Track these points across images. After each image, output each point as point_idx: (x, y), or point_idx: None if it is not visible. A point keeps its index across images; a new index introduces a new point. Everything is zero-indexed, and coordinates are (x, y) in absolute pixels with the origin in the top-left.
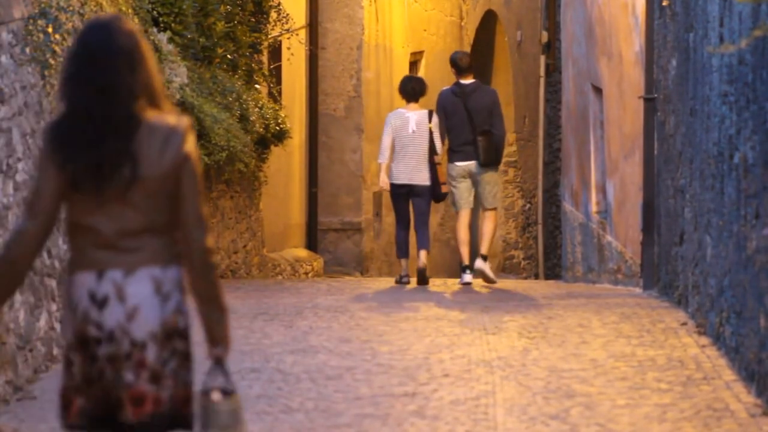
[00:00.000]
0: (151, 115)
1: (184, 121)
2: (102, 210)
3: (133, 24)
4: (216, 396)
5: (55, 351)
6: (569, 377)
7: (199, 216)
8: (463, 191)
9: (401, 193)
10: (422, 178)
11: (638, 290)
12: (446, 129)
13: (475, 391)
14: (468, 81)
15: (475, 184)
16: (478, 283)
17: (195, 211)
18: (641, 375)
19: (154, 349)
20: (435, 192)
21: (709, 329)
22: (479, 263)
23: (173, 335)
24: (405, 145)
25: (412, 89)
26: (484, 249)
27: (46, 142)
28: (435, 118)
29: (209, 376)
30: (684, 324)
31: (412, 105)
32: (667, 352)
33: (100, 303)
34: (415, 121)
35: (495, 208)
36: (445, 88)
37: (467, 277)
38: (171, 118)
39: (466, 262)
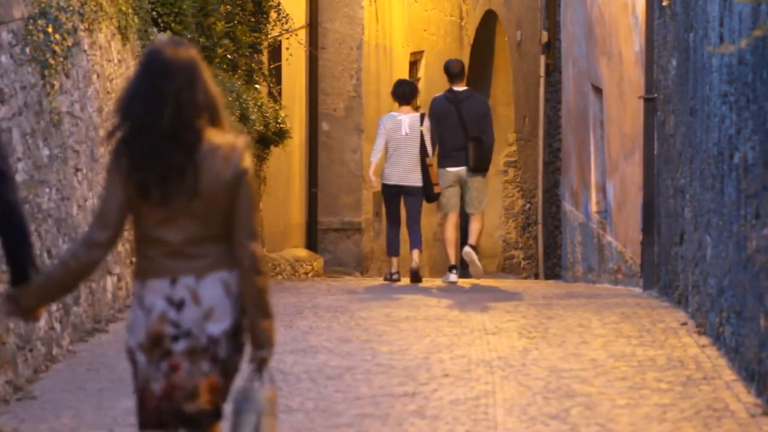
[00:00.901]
0: (213, 133)
1: (242, 139)
2: (169, 222)
3: (192, 50)
4: (257, 385)
5: (55, 351)
6: (569, 377)
7: (251, 227)
8: (452, 196)
9: (393, 194)
10: (414, 179)
11: (638, 290)
12: (438, 134)
13: (475, 391)
14: (461, 88)
15: (464, 188)
16: (473, 283)
17: (248, 223)
18: (641, 375)
19: (225, 345)
20: (427, 193)
21: (709, 329)
22: (467, 250)
23: (239, 332)
24: (398, 147)
25: (403, 92)
26: (472, 240)
27: (113, 157)
28: (427, 122)
29: (253, 373)
30: (684, 324)
31: (405, 108)
32: (667, 352)
33: (178, 305)
34: (407, 124)
35: (480, 213)
36: (438, 94)
37: (452, 276)
38: (230, 136)
39: (453, 262)
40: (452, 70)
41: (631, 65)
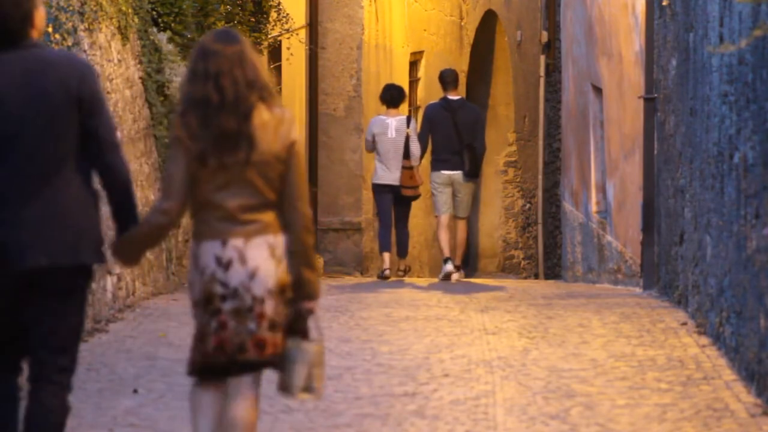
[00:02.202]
0: (263, 108)
1: (289, 112)
2: (224, 188)
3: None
4: (306, 339)
5: None
6: (569, 377)
7: (302, 191)
8: (446, 198)
9: (384, 193)
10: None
11: (638, 290)
12: (432, 140)
13: (475, 391)
14: (455, 97)
15: (456, 192)
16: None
17: (299, 187)
18: (641, 375)
19: (271, 303)
20: (396, 191)
21: (709, 329)
22: (450, 268)
23: (285, 290)
24: (386, 149)
25: (391, 96)
26: (457, 259)
27: (174, 131)
28: (413, 124)
29: (301, 324)
30: (684, 324)
31: (392, 111)
32: (667, 352)
33: (226, 265)
34: (394, 127)
35: (466, 218)
36: (433, 101)
37: (448, 266)
38: (280, 110)
39: (447, 254)
40: (446, 79)
41: (631, 65)
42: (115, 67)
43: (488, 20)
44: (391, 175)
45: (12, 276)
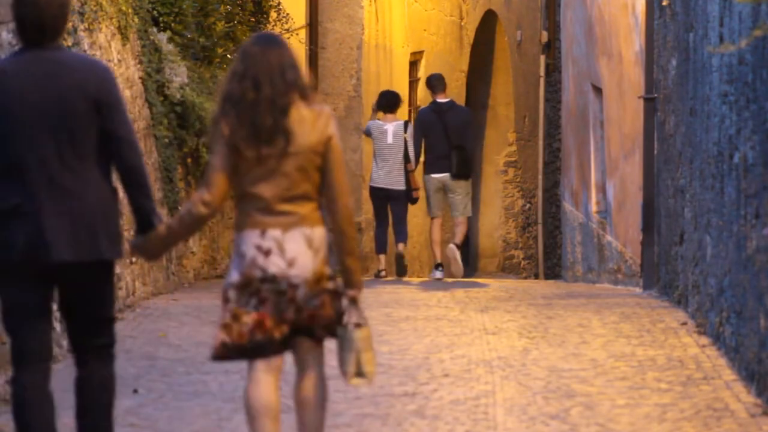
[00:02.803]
0: (302, 104)
1: (327, 108)
2: (264, 181)
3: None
4: (352, 327)
5: (55, 351)
6: (569, 377)
7: (342, 184)
8: (438, 200)
9: (380, 196)
10: (398, 183)
11: (638, 290)
12: (424, 143)
13: (475, 391)
14: (444, 99)
15: (449, 193)
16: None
17: (339, 180)
18: (641, 375)
19: (303, 290)
20: (408, 196)
21: (709, 329)
22: (451, 247)
23: (322, 279)
24: (383, 153)
25: (387, 102)
26: (457, 240)
27: (215, 127)
28: (410, 129)
29: (347, 313)
30: (684, 324)
31: (389, 116)
32: (667, 352)
33: (265, 253)
34: (391, 132)
35: (464, 217)
36: (423, 106)
37: (438, 273)
38: (317, 106)
39: (439, 260)
40: (434, 83)
41: (631, 65)
42: (115, 67)
43: (488, 20)
44: (387, 179)
45: (42, 272)
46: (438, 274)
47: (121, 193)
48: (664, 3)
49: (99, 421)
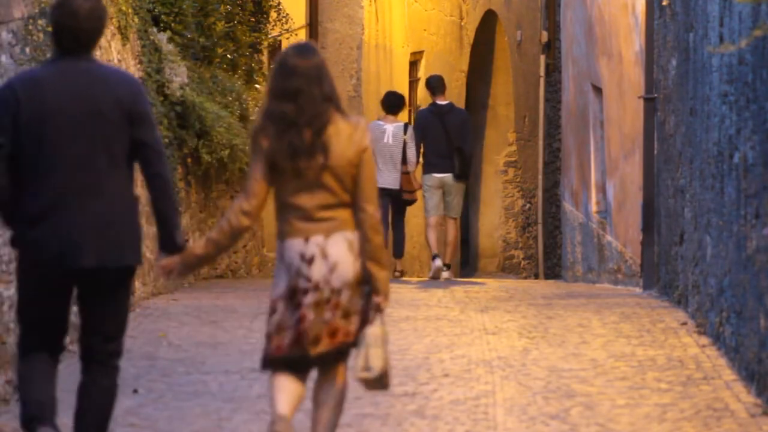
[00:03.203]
0: (338, 118)
1: (362, 121)
2: (303, 191)
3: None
4: (371, 326)
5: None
6: (569, 377)
7: (371, 193)
8: (436, 201)
9: (379, 196)
10: (395, 184)
11: (638, 290)
12: (424, 144)
13: (475, 391)
14: (443, 101)
15: (446, 193)
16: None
17: (369, 191)
18: (641, 375)
19: (347, 294)
20: (402, 197)
21: (709, 329)
22: (439, 263)
23: (362, 282)
24: (383, 153)
25: (389, 103)
26: (447, 258)
27: (255, 140)
28: (410, 131)
29: (371, 315)
30: (684, 324)
31: (390, 117)
32: (667, 352)
33: (309, 261)
34: (391, 133)
35: (457, 218)
36: (423, 107)
37: (438, 262)
38: (353, 119)
39: (435, 251)
40: (434, 85)
41: (631, 65)
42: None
43: (488, 20)
44: (386, 179)
45: (64, 274)
46: (438, 262)
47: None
48: (664, 3)
49: (95, 427)
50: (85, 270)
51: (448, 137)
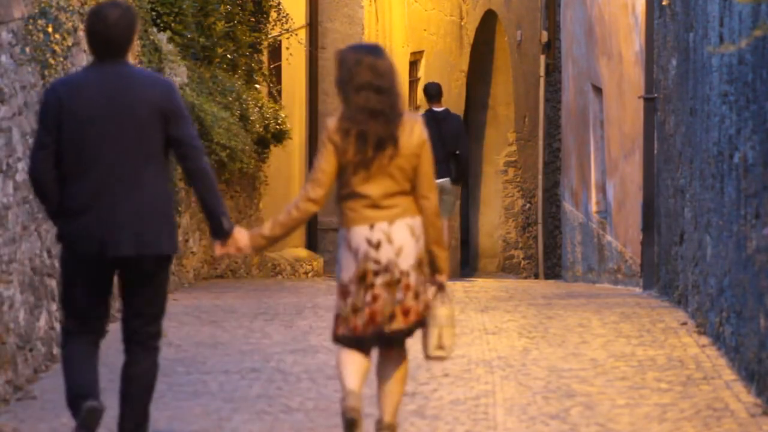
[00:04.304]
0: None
1: (419, 116)
2: (369, 180)
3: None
4: (438, 304)
5: (55, 351)
6: (569, 377)
7: (431, 182)
8: None
9: None
10: None
11: (638, 290)
12: None
13: (475, 391)
14: (439, 108)
15: (443, 195)
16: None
17: (429, 179)
18: (641, 375)
19: (414, 275)
20: None
21: (709, 329)
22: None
23: (423, 264)
24: None
25: None
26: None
27: (327, 133)
28: None
29: (434, 294)
30: (684, 324)
31: None
32: (667, 351)
33: (376, 245)
34: None
35: (449, 218)
36: (419, 114)
37: None
38: (411, 114)
39: None
40: (431, 92)
41: (631, 65)
42: None
43: (488, 20)
44: None
45: (106, 263)
46: None
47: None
48: (664, 3)
49: (138, 405)
50: (124, 259)
51: (443, 143)
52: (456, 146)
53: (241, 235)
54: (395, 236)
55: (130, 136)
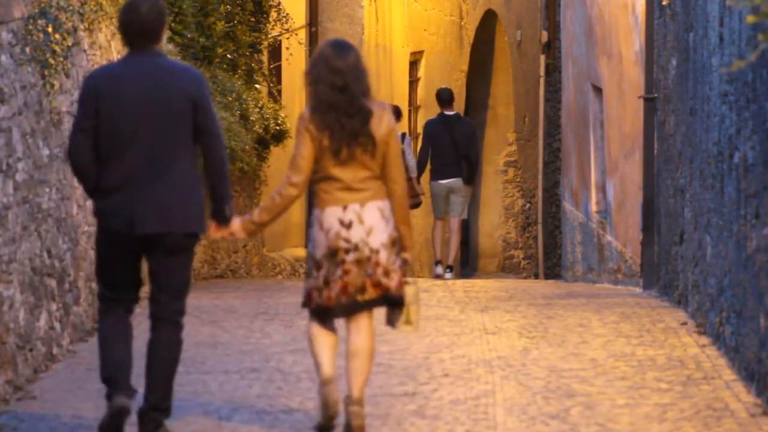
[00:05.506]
0: (371, 103)
1: (387, 105)
2: (342, 165)
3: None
4: (407, 286)
5: (55, 351)
6: (569, 377)
7: (400, 166)
8: (443, 204)
9: None
10: None
11: (638, 290)
12: (432, 152)
13: (475, 390)
14: (451, 112)
15: (452, 196)
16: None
17: (398, 163)
18: (641, 375)
19: (384, 254)
20: None
21: (709, 329)
22: (440, 271)
23: (395, 243)
24: None
25: None
26: (450, 259)
27: (305, 123)
28: (408, 140)
29: (401, 270)
30: (684, 324)
31: None
32: (667, 351)
33: (347, 225)
34: None
35: (459, 218)
36: (431, 118)
37: (439, 269)
38: (379, 103)
39: (439, 257)
40: (443, 98)
41: (631, 65)
42: None
43: (488, 20)
44: None
45: (135, 239)
46: (438, 270)
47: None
48: (664, 3)
49: (162, 378)
50: (151, 236)
51: (454, 145)
52: (467, 149)
53: (234, 222)
54: (366, 217)
55: (163, 123)
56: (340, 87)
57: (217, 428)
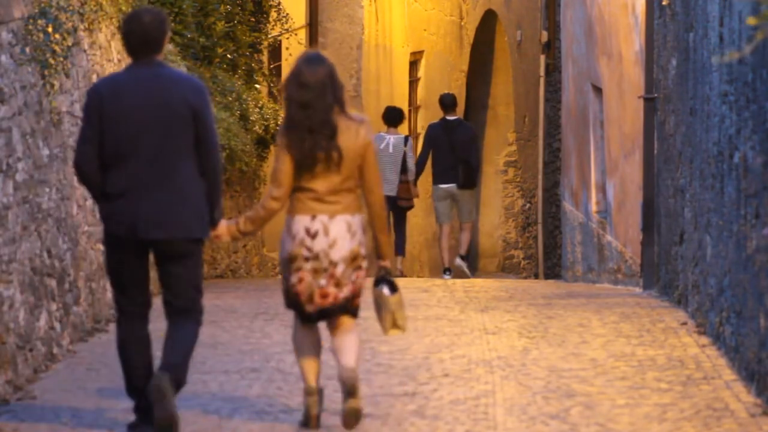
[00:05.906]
0: (343, 117)
1: (365, 118)
2: (316, 177)
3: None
4: (386, 292)
5: (55, 351)
6: (569, 377)
7: (376, 178)
8: (446, 208)
9: None
10: (395, 191)
11: (638, 290)
12: (433, 156)
13: (475, 390)
14: (453, 117)
15: (455, 201)
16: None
17: (374, 175)
18: (641, 375)
19: (342, 267)
20: (393, 202)
21: (709, 329)
22: (458, 261)
23: (357, 258)
24: (384, 162)
25: (388, 117)
26: (462, 251)
27: (281, 139)
28: (410, 143)
29: (380, 280)
30: (684, 324)
31: (391, 129)
32: (667, 351)
33: (312, 235)
34: (392, 143)
35: (469, 221)
36: (433, 122)
37: (447, 277)
38: (356, 117)
39: (447, 265)
40: (446, 103)
41: (631, 65)
42: (115, 67)
43: (488, 20)
44: (386, 187)
45: (136, 242)
46: (447, 277)
47: None
48: (664, 3)
49: (179, 349)
50: (155, 241)
51: (454, 150)
52: (466, 154)
53: (221, 225)
54: (332, 229)
55: (165, 131)
56: (304, 104)
57: (217, 428)
